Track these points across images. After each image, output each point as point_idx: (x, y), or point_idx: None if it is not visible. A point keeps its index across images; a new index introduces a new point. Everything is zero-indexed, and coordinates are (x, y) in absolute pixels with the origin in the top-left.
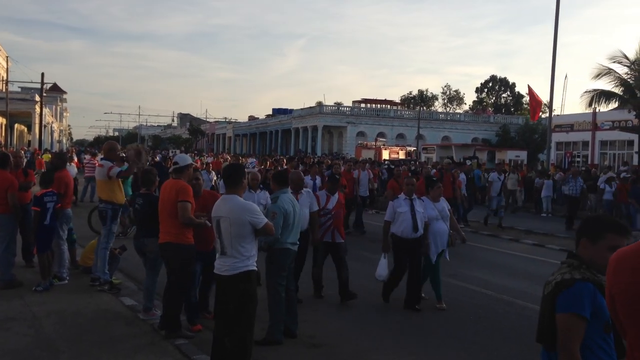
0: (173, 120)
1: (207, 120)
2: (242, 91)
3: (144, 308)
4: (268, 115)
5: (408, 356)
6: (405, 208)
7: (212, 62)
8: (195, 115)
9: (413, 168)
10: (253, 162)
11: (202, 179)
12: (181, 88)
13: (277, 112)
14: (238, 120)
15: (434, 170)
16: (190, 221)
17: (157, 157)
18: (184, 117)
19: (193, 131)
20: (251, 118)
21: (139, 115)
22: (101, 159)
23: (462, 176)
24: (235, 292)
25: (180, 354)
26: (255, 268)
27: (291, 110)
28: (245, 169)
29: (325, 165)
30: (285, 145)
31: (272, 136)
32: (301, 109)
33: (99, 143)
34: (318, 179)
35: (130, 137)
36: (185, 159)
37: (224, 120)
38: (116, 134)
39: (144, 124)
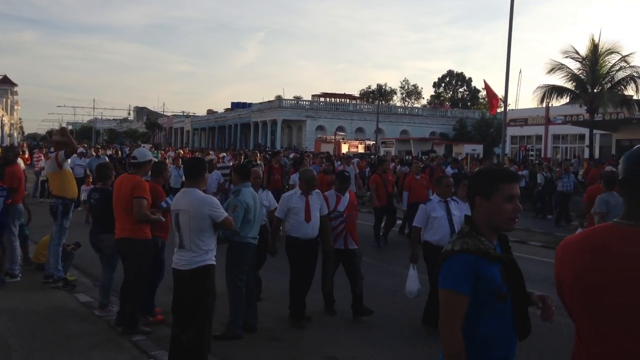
0: (129, 114)
1: (165, 114)
2: (200, 85)
3: (99, 304)
4: (227, 109)
5: (367, 347)
6: (441, 212)
7: (170, 55)
8: (152, 109)
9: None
10: (226, 158)
11: (170, 173)
12: (138, 81)
13: (236, 106)
14: (196, 114)
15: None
16: (146, 218)
17: (109, 151)
18: (140, 111)
19: (150, 125)
20: (210, 112)
21: (94, 108)
22: (50, 151)
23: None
24: (193, 287)
25: (138, 350)
26: (214, 262)
27: (250, 104)
28: (218, 164)
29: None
30: (245, 140)
31: (231, 130)
32: (260, 103)
33: (51, 137)
34: None
35: (84, 130)
36: (145, 154)
37: (182, 114)
38: (70, 127)
39: (99, 117)
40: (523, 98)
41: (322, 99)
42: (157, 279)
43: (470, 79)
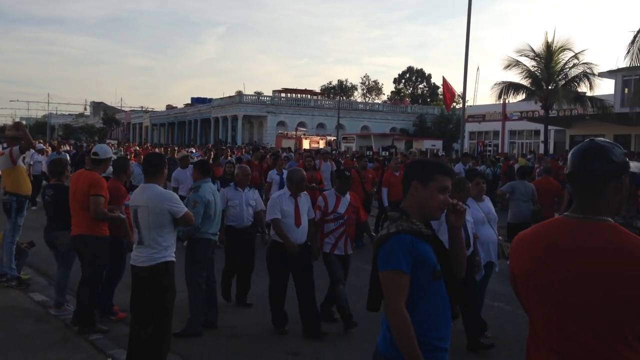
0: (85, 109)
1: (123, 109)
2: (159, 80)
3: (55, 303)
4: (187, 105)
5: (329, 343)
6: None
7: (128, 49)
8: (109, 104)
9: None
10: (196, 154)
11: (133, 170)
12: (94, 75)
13: (196, 101)
14: (155, 110)
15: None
16: (103, 216)
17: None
18: (97, 106)
19: (107, 120)
20: (169, 107)
21: (48, 103)
22: (4, 147)
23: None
24: (152, 284)
25: (95, 349)
26: (173, 259)
27: (210, 100)
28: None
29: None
30: (205, 135)
31: (191, 126)
32: (221, 98)
33: (3, 132)
34: (285, 173)
35: (38, 126)
36: (107, 151)
37: (140, 109)
38: (24, 122)
39: (54, 112)
40: (481, 94)
41: (283, 95)
42: (117, 278)
43: (429, 76)
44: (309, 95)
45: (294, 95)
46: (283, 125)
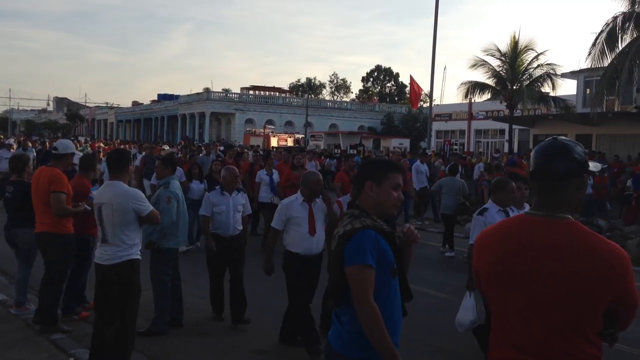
0: (49, 105)
1: (87, 105)
2: (125, 76)
3: (16, 302)
4: (153, 101)
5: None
6: None
7: (93, 45)
8: (73, 100)
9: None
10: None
11: (100, 169)
12: (58, 71)
13: (162, 97)
14: (121, 106)
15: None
16: (65, 212)
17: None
18: (60, 102)
19: (71, 116)
20: (135, 103)
21: (10, 98)
22: None
23: (424, 167)
24: (117, 282)
25: (57, 349)
26: (139, 257)
27: (177, 96)
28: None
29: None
30: (172, 132)
31: (158, 122)
32: (188, 95)
33: None
34: (275, 174)
35: None
36: (67, 146)
37: (105, 105)
38: None
39: (16, 108)
40: (448, 94)
41: (251, 92)
42: (81, 277)
43: (397, 74)
44: (277, 93)
45: (262, 92)
46: (251, 123)
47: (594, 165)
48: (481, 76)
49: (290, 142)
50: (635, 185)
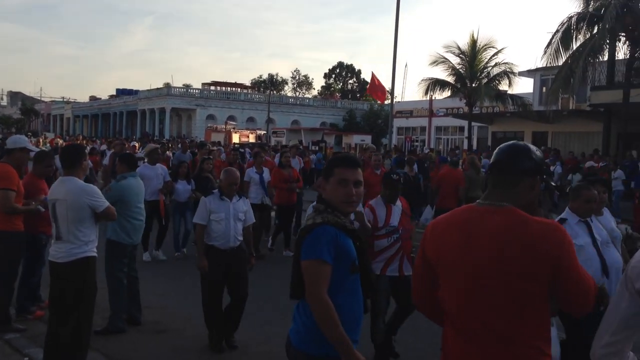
0: (2, 99)
1: (42, 99)
2: (83, 70)
3: None
4: (112, 96)
5: (260, 333)
6: (585, 238)
7: (51, 37)
8: (28, 94)
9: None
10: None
11: (56, 166)
12: (13, 64)
13: (121, 92)
14: (78, 101)
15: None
16: (13, 210)
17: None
18: (14, 96)
19: (26, 111)
20: (93, 98)
21: None
22: None
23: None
24: (72, 280)
25: (11, 348)
26: (94, 254)
27: (137, 91)
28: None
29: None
30: (131, 128)
31: (116, 118)
32: (148, 90)
33: None
34: (266, 172)
35: None
36: (15, 140)
37: (61, 100)
38: None
39: None
40: (409, 91)
41: (212, 88)
42: (35, 275)
43: (359, 71)
44: (239, 89)
45: (223, 88)
46: (212, 119)
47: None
48: (441, 73)
49: (252, 139)
50: (637, 184)
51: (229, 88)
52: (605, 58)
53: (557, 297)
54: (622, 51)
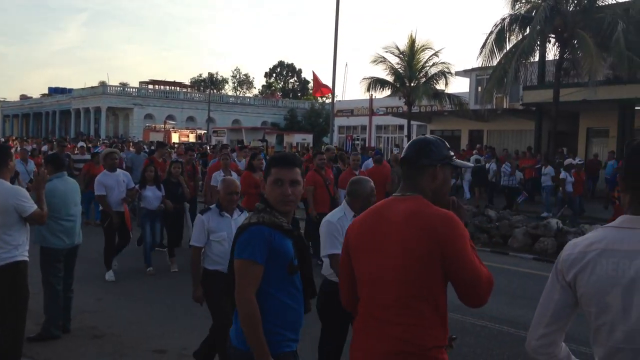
0: None
1: None
2: (12, 67)
3: None
4: (44, 95)
5: (199, 338)
6: None
7: None
8: None
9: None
10: (98, 148)
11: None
12: None
13: (54, 91)
14: (7, 100)
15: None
16: None
17: None
18: None
19: None
20: (23, 97)
21: None
22: None
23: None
24: (2, 285)
25: None
26: (25, 258)
27: (71, 90)
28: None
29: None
30: (65, 128)
31: (49, 117)
32: (82, 88)
33: None
34: (235, 175)
35: None
36: None
37: None
38: None
39: None
40: (351, 90)
41: (150, 86)
42: None
43: (300, 70)
44: (178, 88)
45: (162, 87)
46: (151, 118)
47: (460, 162)
48: (382, 72)
49: (192, 138)
50: (612, 185)
51: (167, 87)
52: (536, 59)
53: (453, 286)
54: (552, 52)
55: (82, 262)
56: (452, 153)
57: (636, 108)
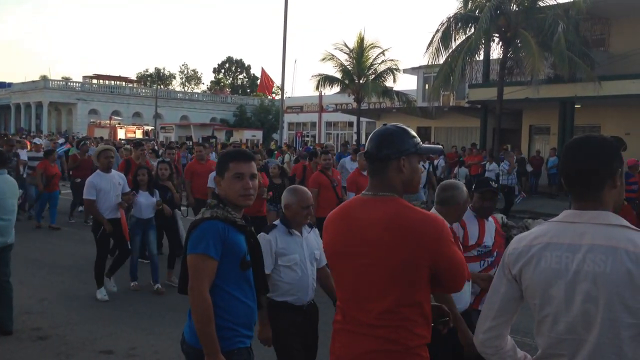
0: None
1: None
2: None
3: None
4: None
5: (147, 337)
6: None
7: None
8: None
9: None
10: (63, 147)
11: None
12: None
13: None
14: None
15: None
16: None
17: None
18: None
19: None
20: None
21: None
22: None
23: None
24: None
25: None
26: None
27: (10, 84)
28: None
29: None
30: (4, 123)
31: None
32: (22, 82)
33: None
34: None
35: None
36: None
37: None
38: None
39: None
40: (301, 87)
41: (95, 81)
42: None
43: (249, 66)
44: (124, 83)
45: (107, 82)
46: (95, 114)
47: (427, 148)
48: (331, 69)
49: (139, 134)
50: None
51: (113, 82)
52: (482, 57)
53: (438, 279)
54: (497, 51)
55: (23, 262)
56: (418, 140)
57: (576, 106)
